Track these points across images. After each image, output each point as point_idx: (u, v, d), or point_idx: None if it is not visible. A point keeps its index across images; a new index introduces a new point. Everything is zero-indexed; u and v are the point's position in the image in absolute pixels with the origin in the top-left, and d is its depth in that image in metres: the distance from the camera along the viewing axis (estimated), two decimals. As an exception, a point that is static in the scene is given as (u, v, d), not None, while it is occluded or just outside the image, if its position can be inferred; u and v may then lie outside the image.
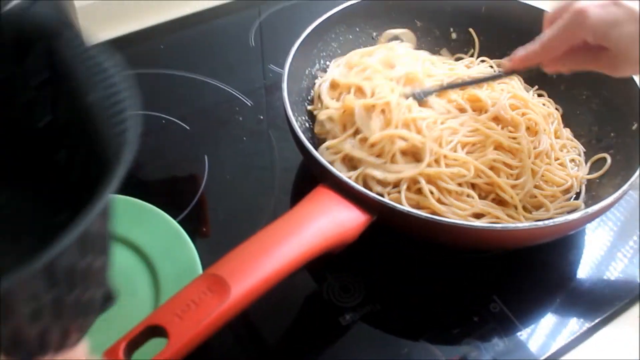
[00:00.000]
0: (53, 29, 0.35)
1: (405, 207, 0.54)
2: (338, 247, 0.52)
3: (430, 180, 0.61)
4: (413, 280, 0.62)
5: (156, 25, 0.97)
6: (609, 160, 0.65)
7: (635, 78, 0.65)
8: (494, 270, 0.64)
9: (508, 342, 0.57)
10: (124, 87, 0.34)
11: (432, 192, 0.60)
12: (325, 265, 0.63)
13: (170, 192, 0.71)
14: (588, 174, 0.67)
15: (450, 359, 0.56)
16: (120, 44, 0.93)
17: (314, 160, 0.58)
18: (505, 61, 0.63)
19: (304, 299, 0.60)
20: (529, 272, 0.64)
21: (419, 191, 0.61)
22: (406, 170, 0.61)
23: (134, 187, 0.71)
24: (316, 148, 0.67)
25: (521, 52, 0.60)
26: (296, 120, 0.64)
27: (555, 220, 0.53)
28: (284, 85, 0.65)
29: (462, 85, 0.69)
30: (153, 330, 0.42)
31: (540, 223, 0.53)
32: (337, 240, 0.51)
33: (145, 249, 0.61)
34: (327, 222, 0.51)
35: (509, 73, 0.65)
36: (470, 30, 0.81)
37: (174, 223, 0.62)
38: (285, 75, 0.67)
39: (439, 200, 0.60)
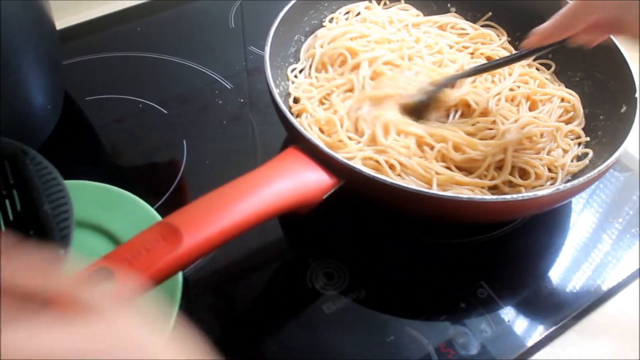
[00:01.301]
0: (17, 152, 0.50)
1: (372, 172, 0.52)
2: (301, 207, 0.52)
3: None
4: (398, 266, 0.61)
5: (133, 7, 0.94)
6: (590, 154, 0.64)
7: (629, 61, 0.64)
8: (482, 255, 0.62)
9: (496, 328, 0.56)
10: (67, 200, 0.47)
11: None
12: (309, 251, 0.61)
13: (147, 179, 0.69)
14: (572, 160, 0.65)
15: (437, 346, 0.54)
16: (95, 26, 0.90)
17: (286, 121, 0.57)
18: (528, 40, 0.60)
19: (287, 287, 0.59)
20: (517, 256, 0.62)
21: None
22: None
23: (110, 173, 0.70)
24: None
25: (541, 28, 0.57)
26: (277, 85, 0.63)
27: (524, 194, 0.52)
28: (267, 48, 0.64)
29: (485, 69, 0.67)
30: (102, 273, 0.41)
31: (507, 197, 0.51)
32: (300, 200, 0.51)
33: (121, 237, 0.59)
34: (291, 181, 0.51)
35: (533, 51, 0.63)
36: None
37: (152, 210, 0.60)
38: (270, 36, 0.66)
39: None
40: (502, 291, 0.59)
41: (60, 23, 0.86)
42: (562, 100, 0.69)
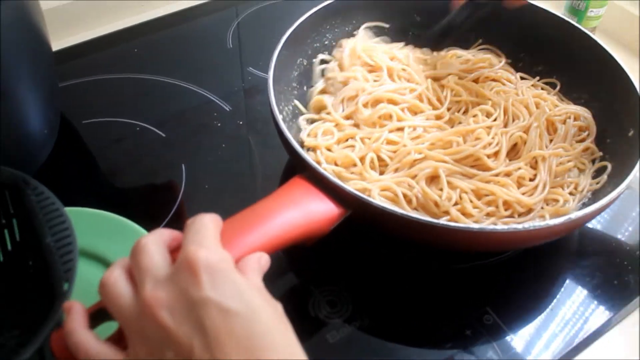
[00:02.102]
0: (18, 182, 0.49)
1: (380, 203, 0.51)
2: (308, 239, 0.51)
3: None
4: (402, 292, 0.60)
5: (129, 28, 0.93)
6: (605, 177, 0.63)
7: (636, 84, 0.63)
8: (487, 280, 0.61)
9: (503, 356, 0.55)
10: (70, 232, 0.46)
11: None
12: (311, 278, 0.60)
13: (146, 204, 0.68)
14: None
15: (443, 376, 0.53)
16: (91, 47, 0.89)
17: (291, 149, 0.56)
18: None
19: (288, 316, 0.57)
20: (522, 281, 0.61)
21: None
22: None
23: (107, 199, 0.69)
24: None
25: None
26: (281, 111, 0.62)
27: (536, 224, 0.51)
28: (271, 71, 0.63)
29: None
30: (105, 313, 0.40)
31: (519, 226, 0.51)
32: (307, 232, 0.50)
33: None
34: (297, 212, 0.49)
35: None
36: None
37: (150, 238, 0.59)
38: (273, 61, 0.65)
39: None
40: (508, 317, 0.58)
41: (56, 45, 0.86)
42: (575, 119, 0.68)
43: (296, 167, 0.57)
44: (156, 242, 0.39)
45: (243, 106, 0.80)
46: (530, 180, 0.62)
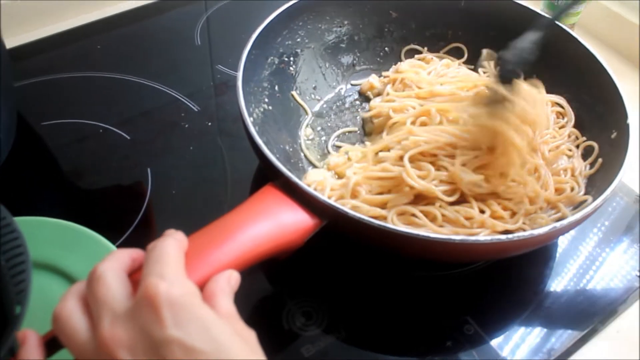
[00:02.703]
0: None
1: (355, 213, 0.48)
2: (282, 252, 0.48)
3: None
4: (379, 302, 0.57)
5: (91, 23, 0.89)
6: (599, 160, 0.62)
7: (620, 87, 0.61)
8: (466, 288, 0.59)
9: (485, 366, 0.53)
10: (23, 250, 0.42)
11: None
12: (284, 289, 0.57)
13: (110, 211, 0.64)
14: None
15: (423, 390, 0.51)
16: (50, 44, 0.85)
17: (262, 155, 0.53)
18: None
19: (261, 329, 0.54)
20: (503, 288, 0.60)
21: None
22: None
23: (69, 207, 0.65)
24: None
25: None
26: (251, 113, 0.60)
27: (519, 234, 0.49)
28: (240, 73, 0.60)
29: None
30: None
31: (502, 237, 0.49)
32: (280, 245, 0.47)
33: (80, 278, 0.53)
34: (269, 224, 0.46)
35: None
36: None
37: (113, 248, 0.56)
38: (242, 61, 0.62)
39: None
40: (489, 326, 0.56)
41: (11, 42, 0.81)
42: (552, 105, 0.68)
43: (268, 175, 0.54)
44: (113, 269, 0.36)
45: (212, 106, 0.77)
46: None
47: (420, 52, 0.79)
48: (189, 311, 0.33)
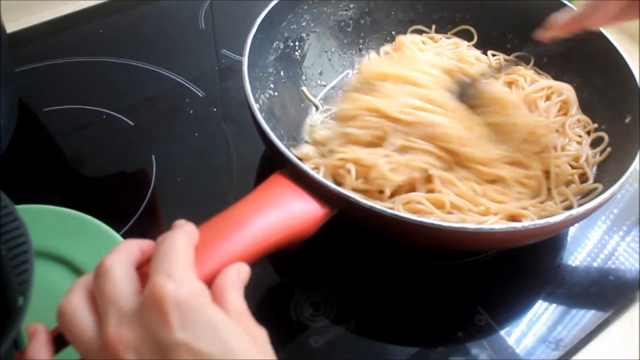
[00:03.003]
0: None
1: (365, 201, 0.47)
2: (292, 242, 0.46)
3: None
4: (389, 292, 0.56)
5: (93, 7, 0.87)
6: (608, 149, 0.61)
7: (634, 69, 0.60)
8: (477, 278, 0.58)
9: (496, 358, 0.52)
10: (26, 239, 0.40)
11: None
12: (292, 280, 0.56)
13: (114, 199, 0.63)
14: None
15: (434, 381, 0.50)
16: (51, 29, 0.83)
17: (270, 142, 0.52)
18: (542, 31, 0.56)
19: (269, 320, 0.53)
20: (514, 277, 0.59)
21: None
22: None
23: (73, 194, 0.64)
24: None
25: (565, 15, 0.53)
26: (258, 99, 0.58)
27: (536, 222, 0.48)
28: (245, 58, 0.58)
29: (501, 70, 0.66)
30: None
31: (518, 225, 0.48)
32: (290, 235, 0.45)
33: (83, 267, 0.54)
34: (279, 215, 0.45)
35: (547, 43, 0.57)
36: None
37: (118, 237, 0.55)
38: (247, 47, 0.60)
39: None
40: (500, 317, 0.55)
41: (11, 26, 0.79)
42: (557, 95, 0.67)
43: (276, 163, 0.52)
44: (121, 264, 0.35)
45: (217, 91, 0.76)
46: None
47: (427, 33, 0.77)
48: (197, 312, 0.32)
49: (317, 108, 0.70)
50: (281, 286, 0.56)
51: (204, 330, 0.32)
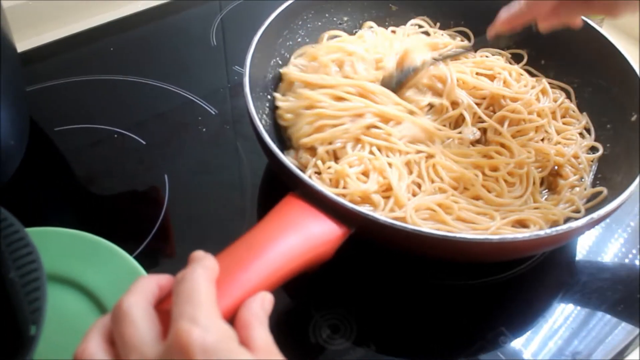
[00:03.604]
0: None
1: (385, 218, 0.46)
2: (312, 266, 0.45)
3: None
4: (409, 313, 0.55)
5: (103, 25, 0.87)
6: (605, 192, 0.59)
7: (635, 67, 0.60)
8: (500, 297, 0.57)
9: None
10: (38, 266, 0.40)
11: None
12: (310, 302, 0.55)
13: (126, 222, 0.62)
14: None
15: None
16: (62, 47, 0.83)
17: (280, 165, 0.51)
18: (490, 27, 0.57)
19: (287, 343, 0.52)
20: (538, 295, 0.57)
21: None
22: None
23: (84, 216, 0.63)
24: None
25: (505, 13, 0.54)
26: (261, 119, 0.57)
27: (557, 228, 0.47)
28: (246, 80, 0.59)
29: (440, 60, 0.64)
30: None
31: (541, 233, 0.47)
32: (310, 259, 0.44)
33: (97, 291, 0.53)
34: (297, 238, 0.44)
35: (493, 39, 0.58)
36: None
37: (131, 260, 0.54)
38: (247, 68, 0.60)
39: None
40: (525, 337, 0.53)
41: (22, 45, 0.80)
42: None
43: (287, 184, 0.51)
44: (140, 304, 0.34)
45: (229, 108, 0.75)
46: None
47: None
48: (225, 358, 0.31)
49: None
50: (299, 308, 0.55)
51: None
